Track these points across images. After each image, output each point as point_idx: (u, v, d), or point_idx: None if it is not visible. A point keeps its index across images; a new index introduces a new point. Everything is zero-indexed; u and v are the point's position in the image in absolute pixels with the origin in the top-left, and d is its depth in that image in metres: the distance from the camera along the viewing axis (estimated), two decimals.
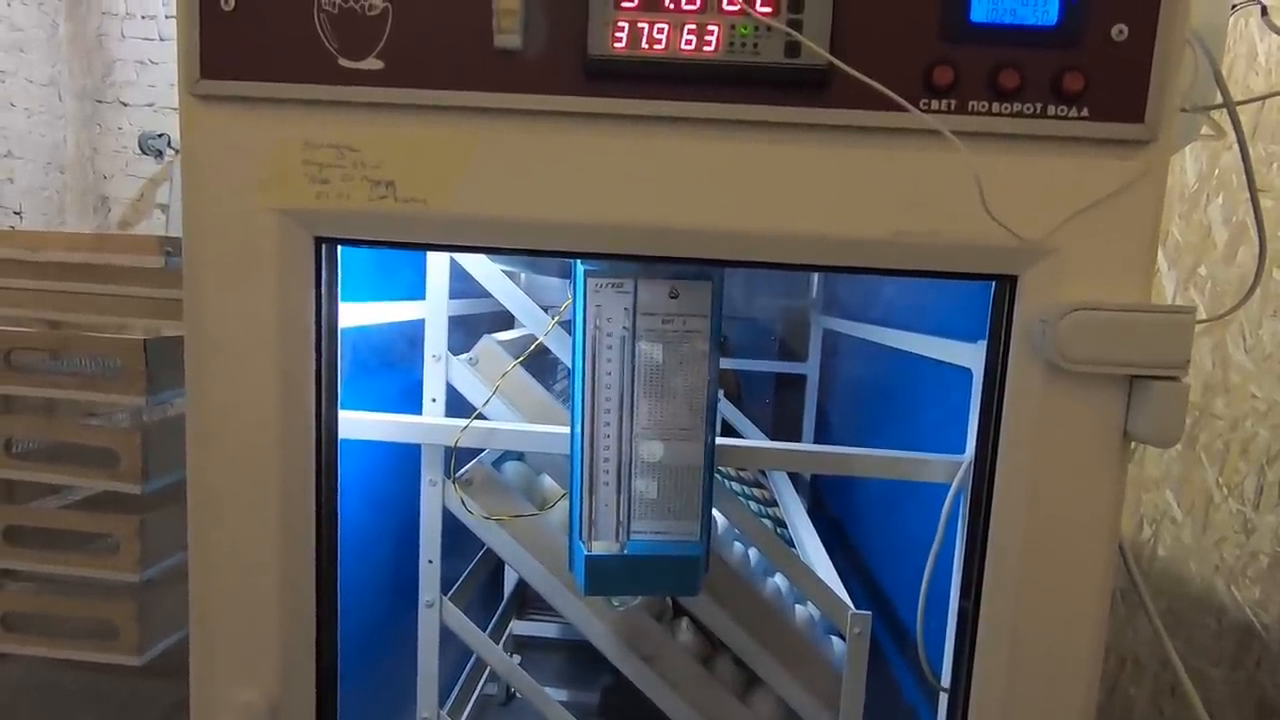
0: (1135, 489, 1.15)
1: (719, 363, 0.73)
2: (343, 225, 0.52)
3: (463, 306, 0.99)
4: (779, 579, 1.06)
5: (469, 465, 0.89)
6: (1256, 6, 0.63)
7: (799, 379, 1.63)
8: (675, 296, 0.70)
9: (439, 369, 0.89)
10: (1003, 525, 0.53)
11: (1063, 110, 0.47)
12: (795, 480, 1.41)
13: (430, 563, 0.91)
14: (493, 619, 1.44)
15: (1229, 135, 0.56)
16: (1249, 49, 1.01)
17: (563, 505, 0.90)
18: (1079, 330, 0.48)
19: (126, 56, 2.92)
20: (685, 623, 0.95)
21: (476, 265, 0.92)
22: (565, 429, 0.75)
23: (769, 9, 0.47)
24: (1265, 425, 0.96)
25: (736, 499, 1.15)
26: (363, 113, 0.50)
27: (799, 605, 1.02)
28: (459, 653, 1.18)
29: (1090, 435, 0.50)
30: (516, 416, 0.89)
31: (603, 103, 0.49)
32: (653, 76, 0.48)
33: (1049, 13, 0.47)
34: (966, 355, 0.76)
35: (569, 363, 0.75)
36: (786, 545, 1.02)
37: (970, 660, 0.55)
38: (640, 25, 0.48)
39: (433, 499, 0.89)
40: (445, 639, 0.94)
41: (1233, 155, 1.03)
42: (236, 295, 0.52)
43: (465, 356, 0.90)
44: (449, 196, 0.50)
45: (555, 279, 1.25)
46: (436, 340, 0.88)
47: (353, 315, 0.75)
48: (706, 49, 0.48)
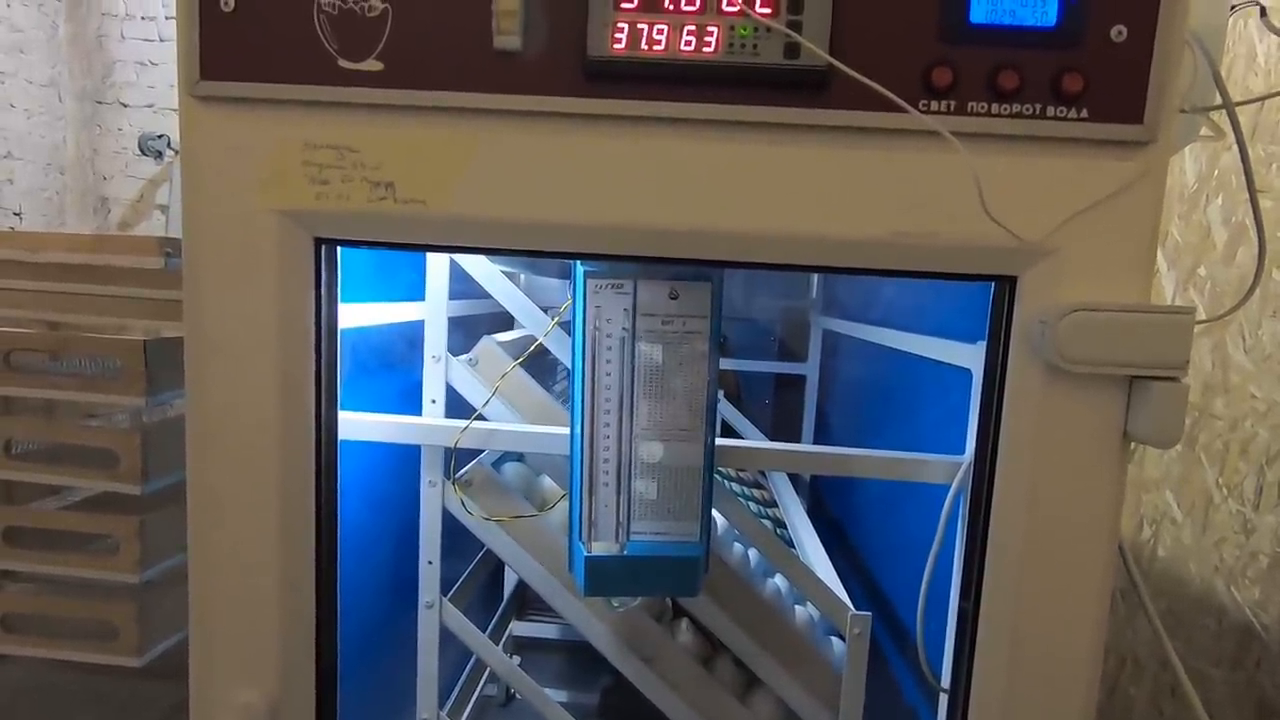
0: (1135, 489, 1.15)
1: (719, 363, 0.73)
2: (342, 226, 0.52)
3: (462, 307, 0.99)
4: (779, 580, 1.06)
5: (469, 466, 0.89)
6: (1256, 7, 0.63)
7: (799, 380, 1.63)
8: (675, 297, 0.70)
9: (439, 370, 0.89)
10: (1003, 526, 0.53)
11: (1062, 111, 0.47)
12: (795, 481, 1.41)
13: (430, 564, 0.91)
14: (492, 620, 1.44)
15: (1228, 136, 0.56)
16: (1248, 50, 1.01)
17: (562, 506, 0.90)
18: (1078, 331, 0.48)
19: (126, 57, 2.92)
20: (685, 623, 0.95)
21: (476, 266, 0.92)
22: (565, 430, 0.75)
23: (768, 10, 0.47)
24: (1265, 425, 0.96)
25: (736, 500, 1.15)
26: (362, 114, 0.50)
27: (799, 606, 1.02)
28: (459, 653, 1.18)
29: (1090, 436, 0.50)
30: (516, 417, 0.89)
31: (602, 104, 0.49)
32: (652, 77, 0.48)
33: (1048, 14, 0.47)
34: (966, 356, 0.76)
35: (569, 363, 0.75)
36: (786, 546, 1.02)
37: (970, 661, 0.55)
38: (640, 26, 0.48)
39: (432, 500, 0.89)
40: (445, 640, 0.94)
41: (1232, 156, 1.03)
42: (236, 296, 0.52)
43: (465, 357, 0.90)
44: (448, 197, 0.51)
45: (555, 280, 1.25)
46: (436, 341, 0.89)
47: (352, 316, 0.75)
48: (706, 50, 0.48)
